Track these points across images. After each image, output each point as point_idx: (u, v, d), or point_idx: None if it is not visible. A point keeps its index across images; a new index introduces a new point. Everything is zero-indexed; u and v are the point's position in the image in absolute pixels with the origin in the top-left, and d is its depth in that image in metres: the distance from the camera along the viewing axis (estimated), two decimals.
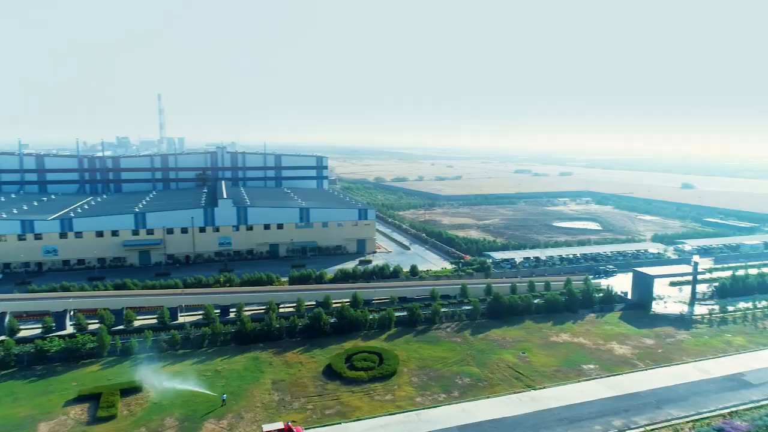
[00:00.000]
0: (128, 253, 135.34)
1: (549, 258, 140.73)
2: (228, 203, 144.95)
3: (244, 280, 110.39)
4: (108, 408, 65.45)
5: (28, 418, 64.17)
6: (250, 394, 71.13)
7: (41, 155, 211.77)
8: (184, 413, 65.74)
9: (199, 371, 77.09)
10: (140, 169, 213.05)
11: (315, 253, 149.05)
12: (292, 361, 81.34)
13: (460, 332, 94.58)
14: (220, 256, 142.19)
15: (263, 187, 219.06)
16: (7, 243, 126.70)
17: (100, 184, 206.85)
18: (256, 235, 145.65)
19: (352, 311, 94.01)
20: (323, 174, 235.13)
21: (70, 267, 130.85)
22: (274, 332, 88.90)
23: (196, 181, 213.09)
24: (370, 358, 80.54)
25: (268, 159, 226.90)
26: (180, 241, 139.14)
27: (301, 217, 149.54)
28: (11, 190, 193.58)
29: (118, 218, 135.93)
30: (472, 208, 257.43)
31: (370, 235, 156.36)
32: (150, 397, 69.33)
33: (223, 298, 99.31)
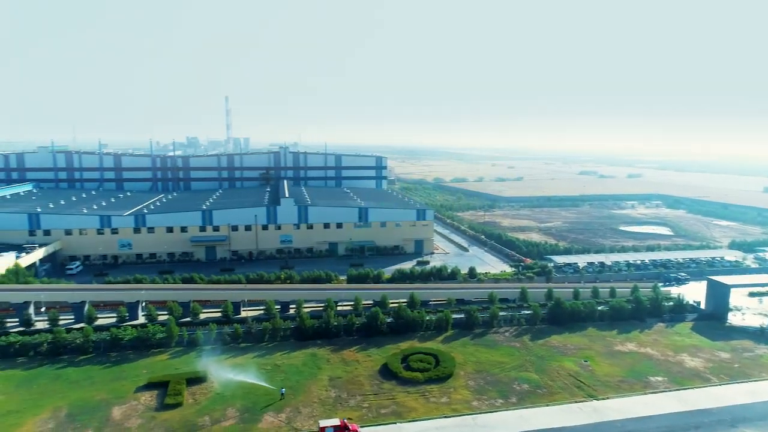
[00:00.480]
0: (195, 249, 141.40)
1: (615, 263, 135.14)
2: (290, 202, 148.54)
3: (303, 278, 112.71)
4: (175, 396, 68.62)
5: (103, 402, 68.30)
6: (308, 389, 72.52)
7: (119, 155, 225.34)
8: (245, 405, 67.91)
9: (260, 365, 79.39)
10: (208, 168, 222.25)
11: (373, 253, 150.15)
12: (348, 359, 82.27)
13: (518, 337, 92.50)
14: (281, 253, 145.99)
15: (324, 186, 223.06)
16: (87, 236, 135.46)
17: (171, 182, 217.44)
18: (316, 233, 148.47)
19: (409, 312, 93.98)
20: (382, 174, 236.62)
21: (142, 260, 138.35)
22: (331, 330, 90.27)
23: (259, 180, 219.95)
24: (426, 360, 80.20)
25: (328, 159, 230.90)
26: (244, 238, 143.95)
27: (360, 216, 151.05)
28: (92, 186, 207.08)
29: (187, 215, 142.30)
30: (533, 210, 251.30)
31: (428, 236, 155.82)
32: (213, 387, 72.09)
33: (283, 295, 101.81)
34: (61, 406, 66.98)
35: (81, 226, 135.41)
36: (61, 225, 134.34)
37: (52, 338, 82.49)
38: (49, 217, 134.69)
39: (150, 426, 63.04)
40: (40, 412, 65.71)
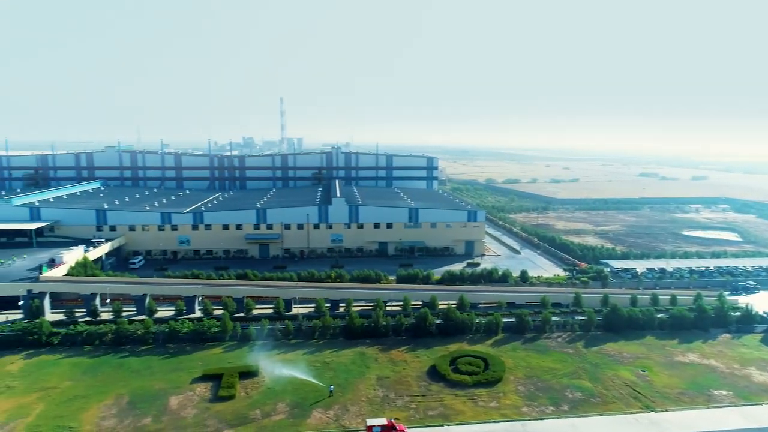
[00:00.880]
0: (250, 246, 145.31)
1: (676, 270, 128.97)
2: (341, 202, 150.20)
3: (353, 277, 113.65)
4: (228, 388, 70.75)
5: (161, 391, 71.26)
6: (356, 387, 73.08)
7: (179, 154, 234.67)
8: (295, 400, 69.18)
9: (309, 361, 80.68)
10: (262, 167, 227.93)
11: (423, 253, 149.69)
12: (397, 359, 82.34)
13: (572, 343, 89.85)
14: (332, 252, 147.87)
15: (374, 186, 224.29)
16: (149, 232, 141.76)
17: (228, 181, 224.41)
18: (366, 233, 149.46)
19: (458, 314, 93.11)
20: (433, 174, 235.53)
21: (200, 256, 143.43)
22: (380, 329, 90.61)
23: (312, 180, 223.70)
24: (475, 363, 79.21)
25: (380, 159, 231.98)
26: (296, 236, 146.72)
27: (410, 217, 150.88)
28: (154, 185, 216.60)
29: (242, 213, 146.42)
30: (589, 212, 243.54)
31: (478, 238, 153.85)
32: (265, 381, 73.85)
33: (333, 293, 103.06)
34: (123, 394, 70.37)
35: (143, 223, 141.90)
36: (125, 221, 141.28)
37: (116, 329, 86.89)
38: (114, 213, 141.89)
39: (204, 416, 65.27)
40: (104, 398, 69.27)
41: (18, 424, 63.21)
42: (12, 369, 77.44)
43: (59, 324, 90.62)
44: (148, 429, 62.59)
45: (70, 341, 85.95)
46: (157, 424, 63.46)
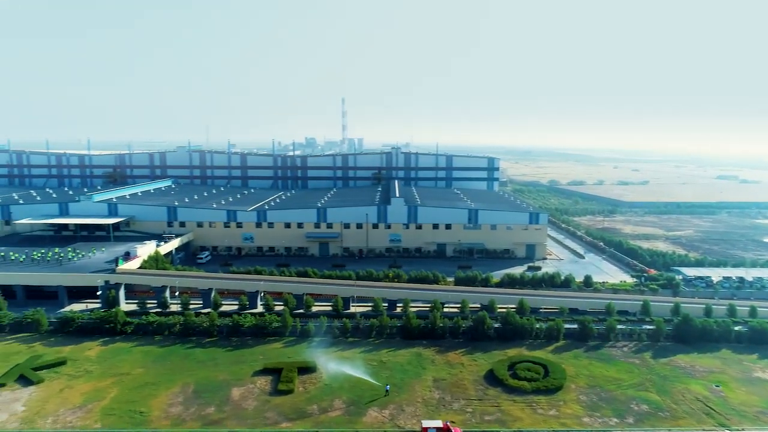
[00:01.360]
0: (310, 244, 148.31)
1: (757, 279, 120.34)
2: (400, 202, 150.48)
3: (411, 277, 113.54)
4: (287, 383, 72.45)
5: (224, 382, 73.95)
6: (412, 388, 72.96)
7: (245, 154, 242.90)
8: (351, 397, 69.91)
9: (366, 360, 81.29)
10: (324, 167, 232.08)
11: (482, 256, 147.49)
12: (453, 362, 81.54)
13: (638, 353, 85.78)
14: (390, 252, 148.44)
15: (434, 187, 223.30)
16: (215, 229, 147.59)
17: (290, 180, 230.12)
18: (424, 233, 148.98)
19: (518, 318, 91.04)
20: (494, 175, 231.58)
21: (262, 253, 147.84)
22: (437, 331, 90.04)
23: (372, 180, 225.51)
24: (534, 369, 77.19)
25: (439, 159, 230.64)
26: (355, 235, 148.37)
27: (470, 218, 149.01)
28: (221, 183, 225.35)
29: (303, 212, 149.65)
30: (660, 217, 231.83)
31: (540, 241, 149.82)
32: (322, 377, 75.08)
33: (391, 293, 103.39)
34: (189, 383, 73.55)
35: (211, 220, 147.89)
36: (194, 218, 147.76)
37: (184, 320, 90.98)
38: (184, 210, 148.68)
39: (264, 409, 67.15)
40: (172, 386, 72.68)
41: (94, 406, 67.43)
42: (90, 354, 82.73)
43: (132, 314, 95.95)
44: (212, 418, 65.11)
45: (142, 330, 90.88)
46: (219, 414, 65.92)
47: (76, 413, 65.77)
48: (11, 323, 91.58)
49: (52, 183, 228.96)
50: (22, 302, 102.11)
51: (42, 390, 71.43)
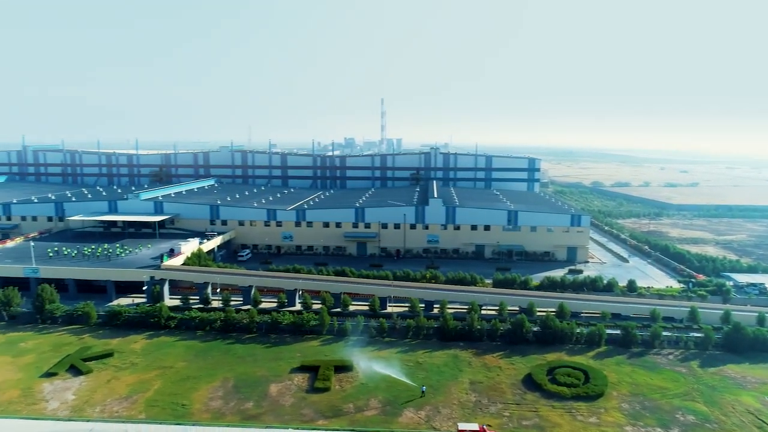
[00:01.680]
0: (348, 244, 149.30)
1: None
2: (438, 202, 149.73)
3: (448, 278, 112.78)
4: (324, 381, 73.12)
5: (262, 378, 75.25)
6: (448, 390, 72.45)
7: (285, 154, 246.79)
8: (387, 397, 69.97)
9: (402, 360, 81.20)
10: (362, 167, 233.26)
11: (521, 258, 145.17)
12: (491, 365, 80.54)
13: (685, 362, 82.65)
14: (427, 252, 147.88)
15: (472, 188, 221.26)
16: (256, 228, 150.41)
17: (329, 180, 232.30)
18: (463, 234, 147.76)
19: (558, 322, 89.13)
20: (534, 176, 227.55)
21: (301, 252, 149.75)
22: (474, 333, 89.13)
23: (410, 180, 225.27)
24: (574, 375, 75.43)
25: (478, 160, 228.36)
26: (392, 235, 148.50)
27: (509, 219, 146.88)
28: (261, 182, 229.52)
29: (342, 212, 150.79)
30: (709, 220, 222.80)
31: (582, 243, 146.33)
32: (358, 376, 75.42)
33: (428, 294, 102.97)
34: (229, 378, 75.19)
35: (251, 218, 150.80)
36: (235, 216, 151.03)
37: (225, 316, 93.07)
38: (226, 209, 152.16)
39: (301, 405, 67.98)
40: (213, 380, 74.45)
41: (139, 397, 69.76)
42: (136, 347, 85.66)
43: (176, 309, 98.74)
44: (250, 413, 66.34)
45: (184, 325, 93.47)
46: (258, 409, 67.11)
47: (122, 403, 68.20)
48: (63, 315, 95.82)
49: (102, 181, 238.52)
50: (73, 295, 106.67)
51: (91, 380, 74.38)
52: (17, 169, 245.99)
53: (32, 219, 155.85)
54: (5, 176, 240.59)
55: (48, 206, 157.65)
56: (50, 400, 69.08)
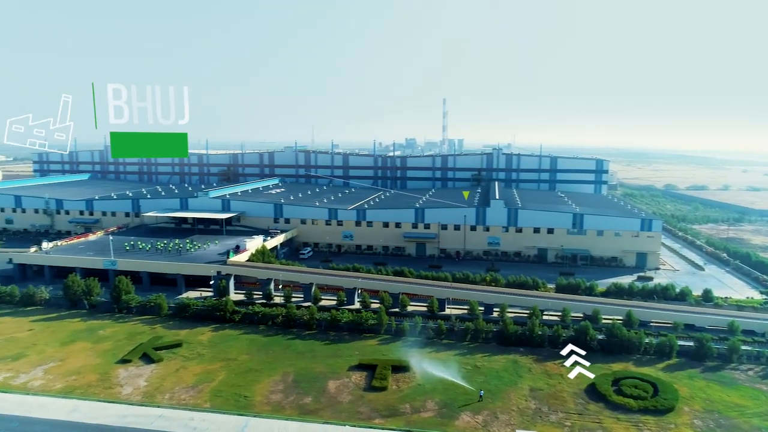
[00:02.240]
0: (407, 244, 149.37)
1: None
2: (499, 204, 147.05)
3: (509, 282, 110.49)
4: (381, 380, 73.48)
5: (321, 374, 76.58)
6: (507, 396, 70.98)
7: (346, 154, 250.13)
8: (443, 400, 69.41)
9: (460, 363, 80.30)
10: (423, 168, 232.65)
11: (586, 263, 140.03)
12: (552, 372, 78.21)
13: (766, 379, 76.92)
14: (487, 255, 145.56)
15: (536, 189, 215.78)
16: (317, 226, 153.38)
17: (389, 180, 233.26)
18: (525, 237, 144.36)
19: (625, 331, 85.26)
20: (602, 178, 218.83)
21: (361, 251, 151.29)
22: (535, 338, 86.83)
23: (471, 181, 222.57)
24: (642, 387, 71.93)
25: (543, 161, 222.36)
26: (452, 237, 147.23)
27: (574, 222, 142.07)
28: (323, 182, 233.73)
29: (401, 212, 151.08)
30: None
31: (653, 249, 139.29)
32: (415, 377, 75.26)
33: (487, 297, 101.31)
34: (289, 372, 77.04)
35: (313, 217, 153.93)
36: (298, 215, 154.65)
37: (286, 312, 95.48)
38: (289, 207, 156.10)
39: (358, 403, 68.62)
40: (274, 374, 76.54)
41: (205, 387, 72.79)
42: (203, 339, 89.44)
43: (240, 303, 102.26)
44: (309, 408, 67.67)
45: (248, 319, 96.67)
46: (316, 405, 68.36)
47: (189, 392, 71.38)
48: (137, 306, 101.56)
49: (174, 179, 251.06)
50: (147, 287, 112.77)
51: (161, 368, 78.35)
52: (99, 168, 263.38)
53: (111, 214, 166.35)
54: (89, 174, 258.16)
55: (125, 203, 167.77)
56: (124, 385, 73.37)
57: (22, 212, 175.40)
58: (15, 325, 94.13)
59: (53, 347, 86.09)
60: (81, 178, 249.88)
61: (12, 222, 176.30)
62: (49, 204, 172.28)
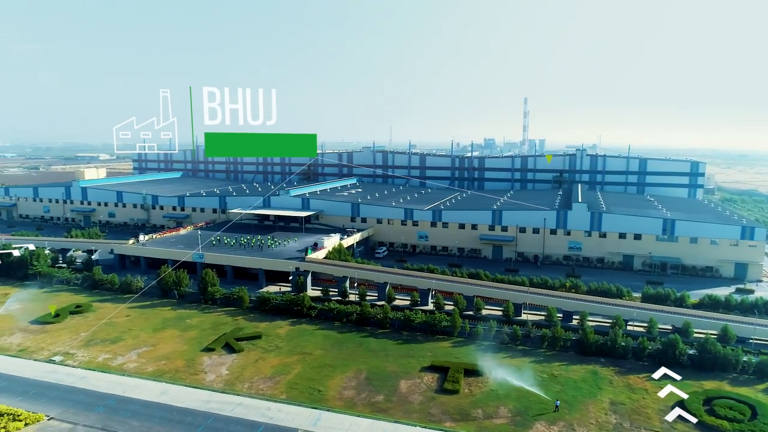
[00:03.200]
0: (483, 246, 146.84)
1: None
2: (582, 207, 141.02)
3: (590, 289, 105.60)
4: (453, 383, 72.71)
5: (393, 373, 76.96)
6: (585, 408, 67.91)
7: (423, 154, 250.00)
8: (517, 407, 67.55)
9: (536, 371, 77.80)
10: (501, 169, 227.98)
11: (677, 272, 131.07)
12: (635, 386, 73.90)
13: None
14: (568, 260, 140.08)
15: (623, 192, 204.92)
16: (393, 226, 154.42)
17: (467, 181, 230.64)
18: (609, 243, 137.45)
19: (720, 347, 78.88)
20: (697, 182, 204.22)
21: (436, 252, 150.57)
22: (618, 350, 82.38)
23: (552, 183, 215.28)
24: (738, 408, 66.30)
25: (631, 163, 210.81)
26: (530, 240, 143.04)
27: (665, 228, 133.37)
28: (400, 182, 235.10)
29: (478, 213, 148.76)
30: None
31: (754, 259, 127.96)
32: (488, 382, 73.79)
33: (567, 303, 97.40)
34: (362, 370, 78.07)
35: (389, 217, 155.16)
36: (374, 214, 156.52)
37: (360, 310, 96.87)
38: (366, 207, 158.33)
39: (429, 405, 68.30)
40: (347, 370, 77.88)
41: (281, 379, 75.39)
42: (281, 332, 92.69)
43: (316, 299, 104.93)
44: (380, 406, 68.21)
45: (324, 315, 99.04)
46: (387, 403, 68.79)
47: (267, 383, 74.22)
48: (221, 298, 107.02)
49: (258, 178, 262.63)
50: (230, 281, 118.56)
51: (241, 358, 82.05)
52: (190, 166, 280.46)
53: (200, 210, 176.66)
54: (181, 172, 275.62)
55: (213, 199, 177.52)
56: (208, 372, 77.54)
57: (123, 207, 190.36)
58: (114, 310, 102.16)
59: (146, 333, 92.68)
60: (174, 175, 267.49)
61: (114, 216, 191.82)
62: (146, 200, 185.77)
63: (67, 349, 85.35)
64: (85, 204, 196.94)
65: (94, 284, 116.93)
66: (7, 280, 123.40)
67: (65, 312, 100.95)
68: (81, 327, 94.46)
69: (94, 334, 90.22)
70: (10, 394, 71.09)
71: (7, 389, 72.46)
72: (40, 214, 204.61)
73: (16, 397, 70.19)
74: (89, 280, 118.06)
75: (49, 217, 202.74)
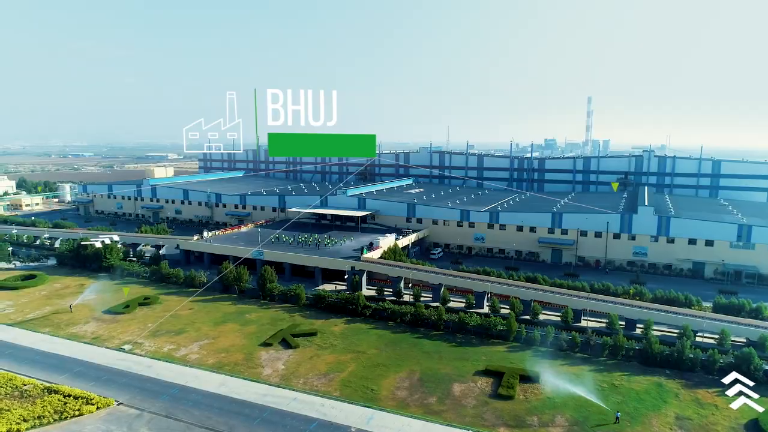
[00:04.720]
0: (542, 250, 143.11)
1: None
2: (648, 211, 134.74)
3: (656, 297, 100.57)
4: (508, 388, 71.26)
5: (446, 376, 76.31)
6: (648, 421, 64.82)
7: (481, 155, 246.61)
8: (575, 417, 65.38)
9: (596, 380, 75.00)
10: (562, 170, 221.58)
11: (753, 282, 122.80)
12: (704, 401, 69.84)
13: None
14: (632, 266, 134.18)
15: (693, 196, 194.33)
16: (449, 227, 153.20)
17: (525, 182, 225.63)
18: (677, 249, 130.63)
19: None
20: None
21: (492, 254, 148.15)
22: (685, 361, 78.08)
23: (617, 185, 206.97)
24: None
25: (703, 165, 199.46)
26: (592, 244, 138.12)
27: (740, 235, 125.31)
28: (456, 183, 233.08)
29: (537, 216, 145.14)
30: None
31: None
32: (544, 390, 71.81)
33: (630, 311, 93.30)
34: (415, 371, 77.87)
35: (445, 218, 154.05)
36: (430, 215, 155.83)
37: (414, 311, 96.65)
38: (422, 207, 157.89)
39: (483, 410, 67.26)
40: (400, 370, 77.93)
41: (335, 376, 76.36)
42: (336, 330, 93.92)
43: (371, 299, 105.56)
44: (433, 408, 67.81)
45: (378, 315, 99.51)
46: (440, 406, 68.29)
47: (321, 380, 75.40)
48: (279, 294, 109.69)
49: (316, 178, 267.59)
50: (288, 278, 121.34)
51: (297, 354, 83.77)
52: (252, 166, 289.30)
53: (261, 209, 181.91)
54: (243, 172, 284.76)
55: (273, 198, 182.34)
56: (265, 366, 79.65)
57: (188, 204, 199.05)
58: (179, 303, 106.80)
59: (208, 326, 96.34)
60: (236, 174, 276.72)
61: (180, 213, 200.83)
62: (210, 198, 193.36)
63: (135, 339, 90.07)
64: (154, 201, 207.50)
65: (161, 278, 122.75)
66: (83, 271, 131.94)
67: (135, 303, 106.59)
68: (149, 318, 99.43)
69: (160, 326, 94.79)
70: (85, 378, 75.87)
71: (82, 374, 77.37)
72: (114, 210, 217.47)
73: (90, 382, 74.80)
74: (157, 273, 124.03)
75: (122, 213, 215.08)
